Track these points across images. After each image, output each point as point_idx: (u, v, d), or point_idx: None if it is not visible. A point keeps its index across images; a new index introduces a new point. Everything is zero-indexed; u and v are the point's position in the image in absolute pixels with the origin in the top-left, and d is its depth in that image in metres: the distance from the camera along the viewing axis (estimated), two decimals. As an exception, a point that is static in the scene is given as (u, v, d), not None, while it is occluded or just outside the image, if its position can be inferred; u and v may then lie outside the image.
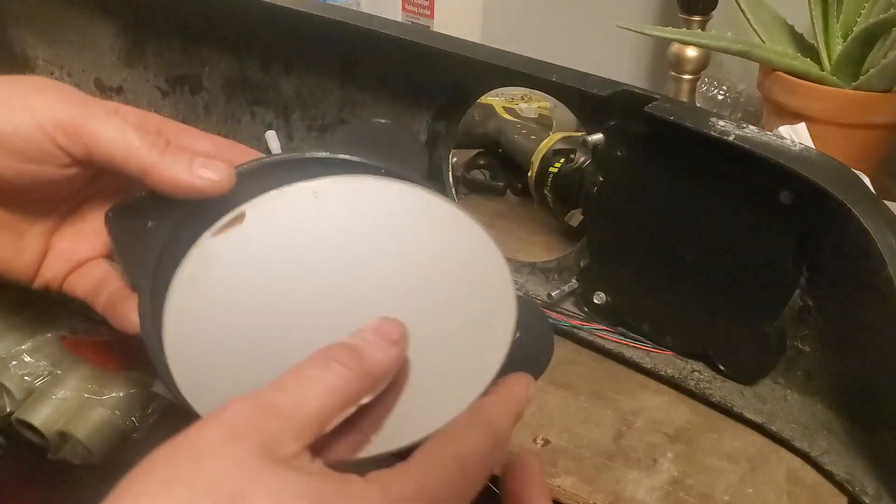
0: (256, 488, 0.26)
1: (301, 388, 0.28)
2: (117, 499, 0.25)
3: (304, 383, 0.28)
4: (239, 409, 0.27)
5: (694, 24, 0.83)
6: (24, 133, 0.34)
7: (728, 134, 0.48)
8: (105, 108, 0.36)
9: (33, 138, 0.34)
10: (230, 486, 0.25)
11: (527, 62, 0.58)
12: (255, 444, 0.27)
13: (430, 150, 0.67)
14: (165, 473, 0.26)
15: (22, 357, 1.02)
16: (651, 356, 0.58)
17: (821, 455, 0.50)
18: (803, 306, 0.53)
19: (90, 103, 0.35)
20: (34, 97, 0.35)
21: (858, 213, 0.44)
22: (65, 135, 0.34)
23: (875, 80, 0.69)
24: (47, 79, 0.36)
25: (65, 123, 0.34)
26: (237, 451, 0.26)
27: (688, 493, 0.48)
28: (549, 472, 0.49)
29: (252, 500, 0.25)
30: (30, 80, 0.36)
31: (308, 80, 0.71)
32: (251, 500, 0.25)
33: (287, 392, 0.28)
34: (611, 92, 0.54)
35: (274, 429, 0.27)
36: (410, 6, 0.98)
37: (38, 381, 1.02)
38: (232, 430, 0.27)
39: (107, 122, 0.35)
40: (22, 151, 0.35)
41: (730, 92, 0.89)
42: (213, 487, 0.25)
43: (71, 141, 0.35)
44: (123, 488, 0.26)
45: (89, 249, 0.40)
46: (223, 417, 0.27)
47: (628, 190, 0.56)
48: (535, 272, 0.65)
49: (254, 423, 0.27)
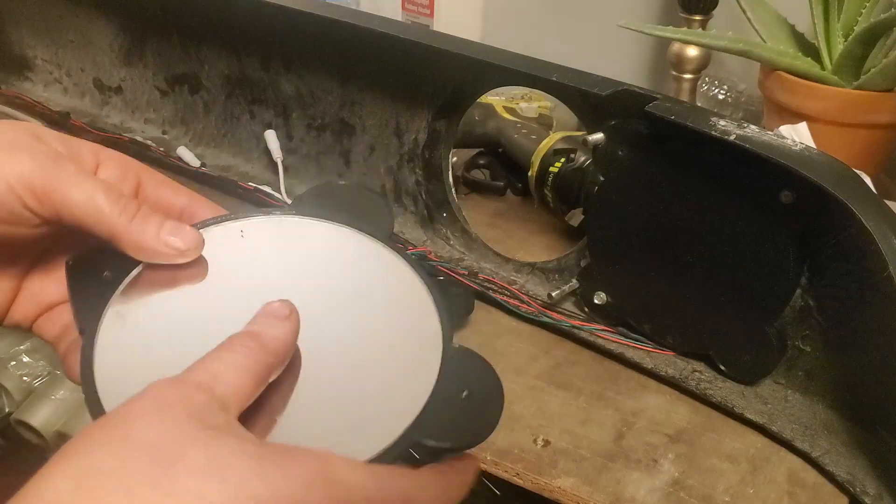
0: (195, 448, 0.26)
1: (213, 366, 0.30)
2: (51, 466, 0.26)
3: (215, 363, 0.30)
4: (162, 386, 0.28)
5: (695, 23, 0.83)
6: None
7: (729, 133, 0.48)
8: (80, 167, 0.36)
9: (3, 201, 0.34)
10: (168, 447, 0.26)
11: (527, 62, 0.58)
12: (185, 413, 0.27)
13: (429, 149, 0.67)
14: (101, 438, 0.26)
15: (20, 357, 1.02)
16: (652, 356, 0.58)
17: (822, 455, 0.50)
18: (804, 306, 0.52)
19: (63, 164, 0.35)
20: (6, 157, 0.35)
21: (859, 213, 0.44)
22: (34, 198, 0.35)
23: (876, 79, 0.69)
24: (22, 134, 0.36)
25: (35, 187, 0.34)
26: (169, 417, 0.27)
27: (688, 493, 0.48)
28: (549, 472, 0.49)
29: (191, 459, 0.26)
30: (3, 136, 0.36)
31: (308, 80, 0.71)
32: (190, 459, 0.26)
33: (202, 371, 0.30)
34: (611, 91, 0.54)
35: (200, 400, 0.28)
36: (410, 5, 0.97)
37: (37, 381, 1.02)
38: (160, 402, 0.27)
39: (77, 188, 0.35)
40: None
41: (730, 91, 0.89)
42: (150, 449, 0.26)
43: (41, 204, 0.35)
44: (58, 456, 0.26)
45: (60, 293, 0.40)
46: (148, 394, 0.28)
47: (629, 190, 0.56)
48: (535, 272, 0.65)
49: (180, 396, 0.28)
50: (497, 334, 0.61)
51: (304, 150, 0.75)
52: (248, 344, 0.31)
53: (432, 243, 0.69)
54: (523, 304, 0.62)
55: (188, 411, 0.27)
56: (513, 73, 0.58)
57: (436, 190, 0.69)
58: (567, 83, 0.55)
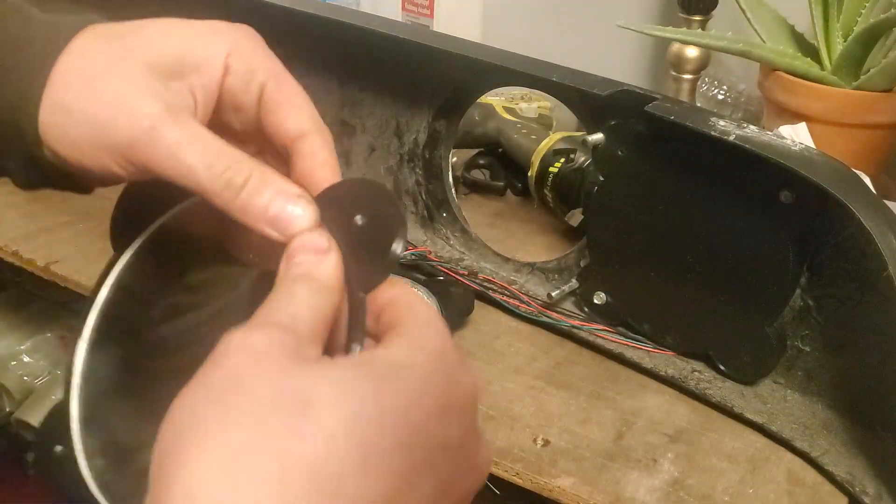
0: (317, 387, 0.25)
1: (287, 308, 0.28)
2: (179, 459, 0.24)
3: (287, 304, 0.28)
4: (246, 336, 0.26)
5: (694, 23, 0.83)
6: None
7: (728, 134, 0.48)
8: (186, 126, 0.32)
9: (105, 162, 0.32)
10: (291, 393, 0.25)
11: (527, 62, 0.58)
12: (286, 356, 0.26)
13: (429, 149, 0.67)
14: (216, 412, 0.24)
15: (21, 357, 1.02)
16: (651, 356, 0.58)
17: (821, 455, 0.50)
18: (803, 306, 0.52)
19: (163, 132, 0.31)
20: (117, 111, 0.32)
21: (859, 213, 0.44)
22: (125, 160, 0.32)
23: (876, 79, 0.69)
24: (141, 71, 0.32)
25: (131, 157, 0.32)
26: (274, 365, 0.26)
27: (688, 493, 0.48)
28: (548, 472, 0.49)
29: (319, 398, 0.25)
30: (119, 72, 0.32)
31: (308, 80, 0.71)
32: (318, 398, 0.25)
33: (280, 312, 0.28)
34: (611, 91, 0.54)
35: (290, 341, 0.27)
36: (410, 6, 0.97)
37: (38, 381, 1.02)
38: (256, 352, 0.26)
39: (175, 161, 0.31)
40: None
41: (730, 92, 0.89)
42: (275, 403, 0.24)
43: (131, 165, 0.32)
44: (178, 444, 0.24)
45: None
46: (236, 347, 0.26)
47: (628, 190, 0.56)
48: (535, 272, 0.65)
49: (270, 341, 0.26)
50: (497, 334, 0.61)
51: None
52: (310, 284, 0.29)
53: (432, 243, 0.69)
54: (523, 304, 0.62)
55: (287, 354, 0.26)
56: (513, 73, 0.58)
57: (436, 190, 0.69)
58: (567, 83, 0.55)
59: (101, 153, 0.32)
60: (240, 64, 0.35)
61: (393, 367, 0.27)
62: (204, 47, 0.34)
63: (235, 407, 0.24)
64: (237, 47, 0.35)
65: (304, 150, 0.35)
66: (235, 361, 0.26)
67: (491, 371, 0.57)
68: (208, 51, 0.34)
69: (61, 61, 0.32)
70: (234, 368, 0.26)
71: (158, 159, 0.31)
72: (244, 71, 0.35)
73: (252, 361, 0.26)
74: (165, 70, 0.33)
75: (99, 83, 0.32)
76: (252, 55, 0.35)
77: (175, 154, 0.31)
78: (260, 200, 0.31)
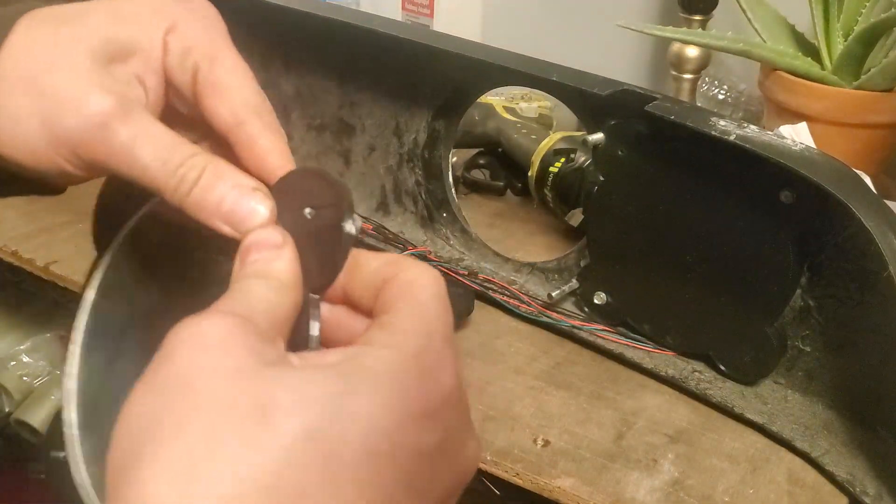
0: (275, 390, 0.23)
1: (244, 300, 0.27)
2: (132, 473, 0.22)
3: (244, 297, 0.27)
4: (201, 324, 0.24)
5: (694, 23, 0.83)
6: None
7: (729, 133, 0.48)
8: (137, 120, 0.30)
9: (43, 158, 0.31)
10: (247, 397, 0.23)
11: (527, 62, 0.58)
12: (242, 350, 0.24)
13: (429, 149, 0.67)
14: (169, 419, 0.23)
15: (20, 357, 1.02)
16: (651, 356, 0.58)
17: (822, 455, 0.50)
18: (804, 306, 0.52)
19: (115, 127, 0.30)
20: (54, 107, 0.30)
21: (859, 213, 0.44)
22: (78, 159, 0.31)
23: (876, 79, 0.69)
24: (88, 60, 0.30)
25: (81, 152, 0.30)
26: (229, 361, 0.24)
27: (688, 493, 0.48)
28: (549, 472, 0.49)
29: (277, 404, 0.23)
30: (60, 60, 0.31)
31: (307, 80, 0.71)
32: (277, 404, 0.23)
33: (236, 303, 0.26)
34: (611, 91, 0.54)
35: (247, 333, 0.25)
36: (410, 5, 0.97)
37: (37, 381, 1.02)
38: (207, 344, 0.24)
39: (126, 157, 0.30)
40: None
41: (731, 91, 0.89)
42: (230, 408, 0.23)
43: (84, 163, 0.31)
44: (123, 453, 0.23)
45: None
46: (190, 336, 0.24)
47: (629, 189, 0.56)
48: (535, 272, 0.64)
49: (224, 331, 0.24)
50: (497, 334, 0.61)
51: (304, 150, 0.75)
52: (266, 282, 0.28)
53: (432, 243, 0.69)
54: (523, 304, 0.62)
55: (243, 347, 0.24)
56: (513, 73, 0.58)
57: (436, 190, 0.69)
58: (567, 83, 0.55)
59: (53, 154, 0.31)
60: (176, 41, 0.32)
61: (362, 368, 0.25)
62: (142, 27, 0.32)
63: (188, 413, 0.23)
64: (176, 24, 0.32)
65: (242, 138, 0.32)
66: (186, 355, 0.24)
67: (491, 371, 0.57)
68: (147, 31, 0.32)
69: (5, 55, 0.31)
70: (186, 364, 0.24)
71: (111, 157, 0.30)
72: (180, 50, 0.32)
73: (206, 354, 0.24)
74: (111, 56, 0.31)
75: (44, 80, 0.30)
76: (190, 32, 0.33)
77: (128, 151, 0.30)
78: (213, 196, 0.30)
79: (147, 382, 0.24)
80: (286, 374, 0.24)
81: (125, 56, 0.32)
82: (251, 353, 0.24)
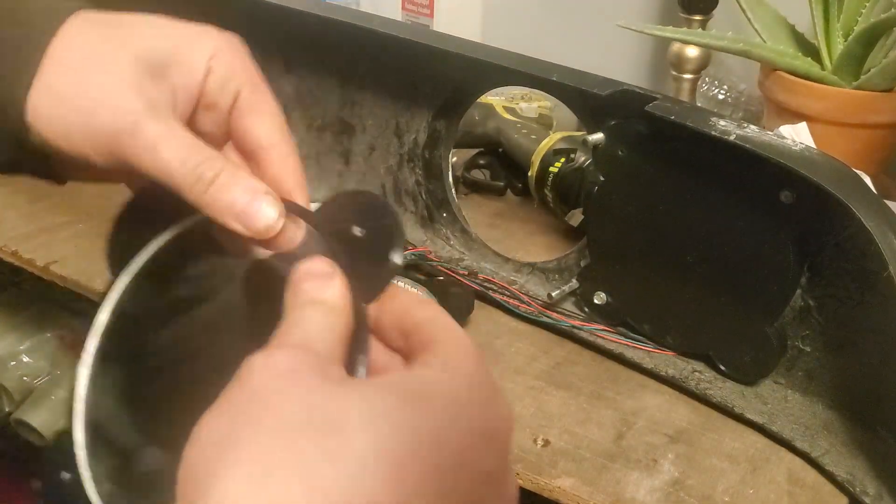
0: (347, 407, 0.25)
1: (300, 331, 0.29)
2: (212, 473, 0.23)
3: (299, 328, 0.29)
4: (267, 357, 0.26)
5: (694, 23, 0.83)
6: None
7: (729, 133, 0.48)
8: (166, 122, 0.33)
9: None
10: (321, 413, 0.24)
11: (527, 62, 0.58)
12: (311, 374, 0.26)
13: (429, 149, 0.67)
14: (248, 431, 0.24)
15: (20, 357, 1.02)
16: (652, 356, 0.58)
17: (822, 455, 0.50)
18: (804, 306, 0.52)
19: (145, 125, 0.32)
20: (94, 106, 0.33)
21: (859, 213, 0.44)
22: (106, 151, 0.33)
23: (876, 79, 0.69)
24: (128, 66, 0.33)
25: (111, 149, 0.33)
26: (302, 383, 0.25)
27: (688, 493, 0.48)
28: (549, 472, 0.49)
29: (349, 418, 0.24)
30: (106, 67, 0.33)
31: (308, 80, 0.71)
32: (349, 419, 0.24)
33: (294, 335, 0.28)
34: (611, 91, 0.54)
35: (312, 360, 0.27)
36: (410, 5, 0.97)
37: (37, 381, 1.02)
38: (280, 371, 0.26)
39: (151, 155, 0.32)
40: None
41: (731, 91, 0.89)
42: (306, 422, 0.24)
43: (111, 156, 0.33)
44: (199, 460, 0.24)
45: None
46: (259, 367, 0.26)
47: (629, 189, 0.56)
48: (535, 272, 0.64)
49: (293, 360, 0.26)
50: (497, 334, 0.61)
51: (304, 150, 0.75)
52: (320, 308, 0.29)
53: (432, 243, 0.69)
54: (523, 304, 0.62)
55: (312, 372, 0.26)
56: (513, 73, 0.58)
57: (436, 190, 0.69)
58: (567, 83, 0.55)
59: (84, 141, 0.33)
60: (220, 67, 0.36)
61: (428, 388, 0.27)
62: (190, 48, 0.35)
63: (266, 424, 0.24)
64: (220, 51, 0.36)
65: (274, 157, 0.36)
66: (261, 380, 0.26)
67: (491, 371, 0.57)
68: (194, 52, 0.35)
69: (55, 46, 0.33)
70: (261, 387, 0.25)
71: (137, 152, 0.32)
72: (224, 73, 0.36)
73: (278, 380, 0.26)
74: (152, 66, 0.34)
75: (90, 73, 0.33)
76: (233, 60, 0.36)
77: (152, 148, 0.32)
78: (228, 195, 0.32)
79: (222, 405, 0.25)
80: (354, 390, 0.26)
81: (164, 68, 0.35)
82: (319, 376, 0.26)
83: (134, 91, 0.33)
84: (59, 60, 0.33)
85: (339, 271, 0.31)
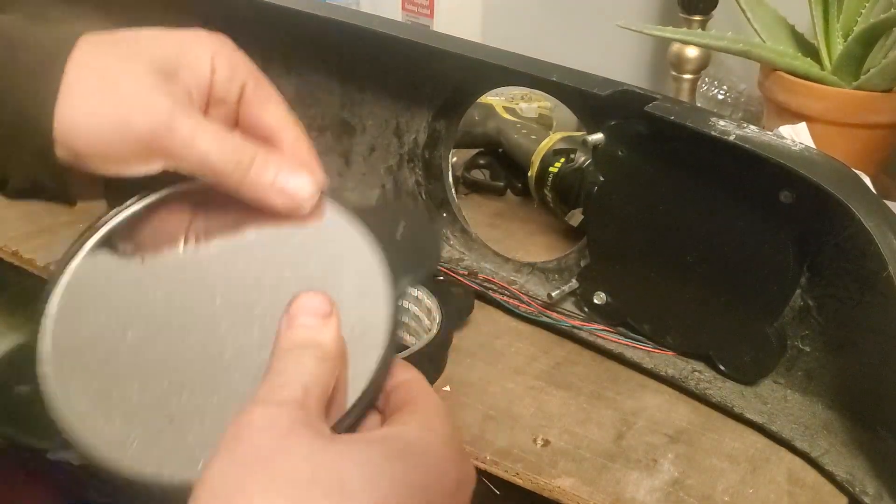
0: (348, 466, 0.27)
1: (298, 381, 0.30)
2: None
3: (296, 377, 0.30)
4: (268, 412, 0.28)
5: (694, 23, 0.83)
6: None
7: (728, 134, 0.48)
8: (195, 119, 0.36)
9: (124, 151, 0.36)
10: (325, 472, 0.27)
11: (527, 62, 0.58)
12: (308, 433, 0.28)
13: (429, 149, 0.67)
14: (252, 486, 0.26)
15: (21, 357, 1.02)
16: (651, 356, 0.58)
17: (821, 455, 0.50)
18: (804, 306, 0.52)
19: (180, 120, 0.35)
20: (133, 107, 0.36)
21: (859, 213, 0.44)
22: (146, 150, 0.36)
23: (876, 79, 0.69)
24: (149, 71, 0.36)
25: (151, 146, 0.35)
26: (304, 442, 0.28)
27: (688, 493, 0.48)
28: (548, 472, 0.49)
29: (351, 477, 0.27)
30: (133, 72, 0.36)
31: (308, 80, 0.71)
32: (351, 477, 0.27)
33: (293, 388, 0.30)
34: (611, 91, 0.54)
35: (309, 418, 0.29)
36: (410, 6, 0.97)
37: (38, 381, 1.02)
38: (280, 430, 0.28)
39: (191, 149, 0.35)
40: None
41: (730, 92, 0.89)
42: (312, 481, 0.26)
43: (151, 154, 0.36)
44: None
45: None
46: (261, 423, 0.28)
47: (629, 190, 0.56)
48: (535, 272, 0.65)
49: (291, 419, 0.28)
50: (497, 334, 0.61)
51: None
52: (315, 352, 0.31)
53: (432, 243, 0.69)
54: (523, 304, 0.62)
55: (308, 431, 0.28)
56: (513, 73, 0.58)
57: (436, 190, 0.69)
58: (567, 83, 0.55)
59: (122, 144, 0.35)
60: (223, 64, 0.39)
61: (413, 445, 0.30)
62: (193, 51, 0.39)
63: (276, 479, 0.26)
64: (219, 51, 0.39)
65: (286, 139, 0.39)
66: (262, 438, 0.28)
67: (491, 371, 0.57)
68: (197, 54, 0.39)
69: (70, 66, 0.36)
70: (264, 445, 0.27)
71: (175, 148, 0.35)
72: (227, 70, 0.39)
73: (279, 439, 0.28)
74: (164, 71, 0.37)
75: (114, 84, 0.36)
76: (232, 57, 0.40)
77: (191, 142, 0.35)
78: (267, 175, 0.36)
79: (225, 457, 0.27)
80: (350, 448, 0.28)
81: (175, 71, 0.37)
82: (317, 435, 0.28)
83: (159, 92, 0.36)
84: (78, 78, 0.35)
85: (338, 313, 0.33)
